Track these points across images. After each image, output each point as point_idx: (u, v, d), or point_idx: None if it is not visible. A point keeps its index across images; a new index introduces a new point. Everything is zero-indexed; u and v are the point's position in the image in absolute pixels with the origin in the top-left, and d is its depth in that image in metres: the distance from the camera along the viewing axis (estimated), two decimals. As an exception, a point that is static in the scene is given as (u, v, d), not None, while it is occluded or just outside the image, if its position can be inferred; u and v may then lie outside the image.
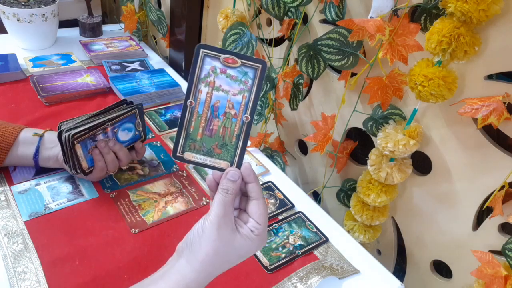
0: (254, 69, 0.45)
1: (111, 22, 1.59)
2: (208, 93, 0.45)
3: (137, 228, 0.68)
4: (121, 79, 1.06)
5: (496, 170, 0.63)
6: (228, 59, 0.44)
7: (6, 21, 1.12)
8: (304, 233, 0.73)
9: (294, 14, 0.86)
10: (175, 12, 1.22)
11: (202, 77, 0.45)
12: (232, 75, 0.45)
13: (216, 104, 0.45)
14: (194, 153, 0.46)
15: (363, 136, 0.87)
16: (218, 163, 0.47)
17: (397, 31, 0.64)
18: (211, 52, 0.44)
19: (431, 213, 0.75)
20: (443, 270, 0.78)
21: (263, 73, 0.45)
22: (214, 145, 0.46)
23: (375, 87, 0.72)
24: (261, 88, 0.46)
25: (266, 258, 0.67)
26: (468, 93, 0.63)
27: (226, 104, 0.45)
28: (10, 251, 0.61)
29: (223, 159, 0.47)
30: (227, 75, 0.45)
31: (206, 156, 0.47)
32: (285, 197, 0.80)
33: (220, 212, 0.44)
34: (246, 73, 0.45)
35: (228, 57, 0.44)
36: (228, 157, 0.47)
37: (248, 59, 0.45)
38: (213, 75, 0.45)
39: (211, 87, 0.45)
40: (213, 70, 0.45)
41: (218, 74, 0.45)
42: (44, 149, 0.72)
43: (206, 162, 0.47)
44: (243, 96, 0.45)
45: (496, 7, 0.53)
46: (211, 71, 0.45)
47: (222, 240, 0.44)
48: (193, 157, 0.46)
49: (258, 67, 0.45)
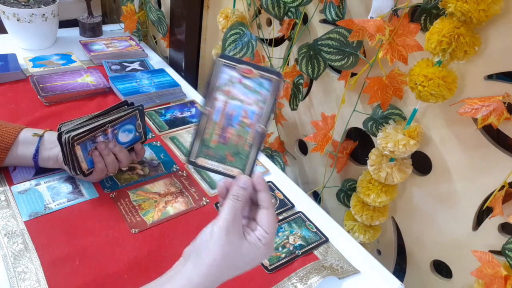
0: (270, 81, 0.46)
1: (111, 22, 1.59)
2: (225, 101, 0.46)
3: (137, 228, 0.68)
4: (121, 79, 1.06)
5: (496, 170, 0.63)
6: (245, 70, 0.45)
7: (6, 21, 1.12)
8: (304, 233, 0.73)
9: (294, 14, 0.86)
10: (175, 12, 1.22)
11: (219, 85, 0.45)
12: (249, 85, 0.46)
13: (231, 113, 0.46)
14: (207, 159, 0.47)
15: (363, 136, 0.87)
16: (230, 170, 0.47)
17: (397, 31, 0.64)
18: (229, 62, 0.45)
19: (431, 213, 0.75)
20: (443, 270, 0.78)
21: (278, 85, 0.46)
22: (227, 152, 0.47)
23: (375, 87, 0.72)
24: (275, 100, 0.47)
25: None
26: (468, 93, 0.63)
27: (241, 113, 0.46)
28: (10, 251, 0.61)
29: (235, 167, 0.47)
30: (244, 85, 0.46)
31: (219, 163, 0.47)
32: (285, 197, 0.80)
33: (230, 218, 0.45)
34: (261, 83, 0.46)
35: (245, 67, 0.45)
36: (240, 165, 0.47)
37: (265, 70, 0.46)
38: (230, 84, 0.46)
39: (227, 96, 0.46)
40: (230, 80, 0.45)
41: (235, 83, 0.45)
42: (43, 150, 0.72)
43: (219, 169, 0.48)
44: (259, 106, 0.46)
45: (496, 7, 0.53)
46: (228, 80, 0.45)
47: (230, 245, 0.44)
48: (206, 163, 0.47)
49: (274, 78, 0.46)
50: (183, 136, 0.92)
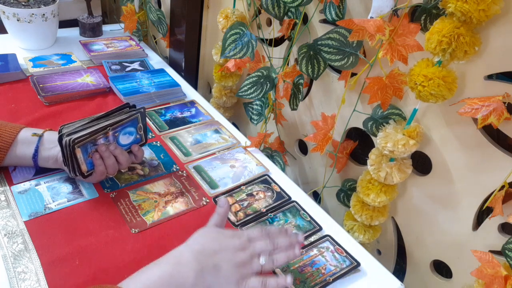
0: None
1: (111, 22, 1.59)
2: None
3: (137, 228, 0.68)
4: (121, 79, 1.06)
5: (496, 170, 0.63)
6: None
7: (6, 21, 1.12)
8: (298, 222, 0.73)
9: (294, 14, 0.86)
10: (175, 12, 1.22)
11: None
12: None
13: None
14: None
15: (363, 136, 0.87)
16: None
17: (397, 31, 0.64)
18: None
19: (431, 213, 0.75)
20: (443, 270, 0.79)
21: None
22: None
23: (375, 87, 0.72)
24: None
25: None
26: (468, 93, 0.63)
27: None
28: (10, 251, 0.61)
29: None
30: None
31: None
32: (282, 190, 0.81)
33: (213, 222, 0.61)
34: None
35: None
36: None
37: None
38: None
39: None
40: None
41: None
42: (43, 150, 0.72)
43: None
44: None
45: (496, 7, 0.53)
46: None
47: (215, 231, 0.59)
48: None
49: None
50: (183, 136, 0.92)
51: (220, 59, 1.05)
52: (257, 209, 0.75)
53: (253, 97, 0.90)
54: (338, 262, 0.67)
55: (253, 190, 0.80)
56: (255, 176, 0.83)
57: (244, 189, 0.80)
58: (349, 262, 0.68)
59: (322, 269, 0.66)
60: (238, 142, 0.93)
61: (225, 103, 1.15)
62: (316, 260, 0.67)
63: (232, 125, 1.00)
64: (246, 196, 0.78)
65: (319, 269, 0.65)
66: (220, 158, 0.87)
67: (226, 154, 0.89)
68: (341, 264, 0.67)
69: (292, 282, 0.57)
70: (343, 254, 0.69)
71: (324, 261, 0.67)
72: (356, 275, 0.67)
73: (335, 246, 0.70)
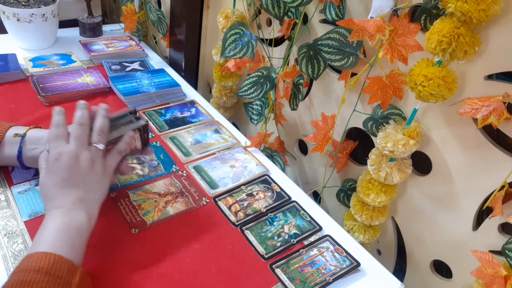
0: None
1: (111, 22, 1.59)
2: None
3: (137, 228, 0.68)
4: (121, 79, 1.06)
5: (496, 170, 0.63)
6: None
7: (6, 21, 1.12)
8: (298, 222, 0.73)
9: (294, 14, 0.86)
10: (175, 12, 1.22)
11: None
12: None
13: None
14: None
15: (363, 136, 0.87)
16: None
17: (397, 31, 0.64)
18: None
19: (431, 213, 0.75)
20: (443, 270, 0.79)
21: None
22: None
23: (375, 87, 0.72)
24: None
25: (262, 247, 0.68)
26: (468, 93, 0.63)
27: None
28: (10, 251, 0.61)
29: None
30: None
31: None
32: (282, 190, 0.81)
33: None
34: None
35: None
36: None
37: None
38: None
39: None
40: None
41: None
42: (26, 150, 0.69)
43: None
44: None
45: (496, 7, 0.53)
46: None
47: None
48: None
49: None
50: (183, 136, 0.92)
51: (220, 59, 1.05)
52: (257, 209, 0.75)
53: (253, 97, 0.90)
54: (338, 262, 0.67)
55: (253, 190, 0.80)
56: (255, 176, 0.83)
57: (244, 189, 0.80)
58: (349, 262, 0.68)
59: (322, 269, 0.66)
60: (238, 142, 0.93)
61: (225, 103, 1.15)
62: (316, 260, 0.67)
63: (232, 125, 1.00)
64: (246, 196, 0.78)
65: (319, 269, 0.66)
66: (220, 158, 0.87)
67: (226, 154, 0.89)
68: (341, 264, 0.67)
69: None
70: (343, 254, 0.69)
71: (324, 261, 0.67)
72: (356, 275, 0.67)
73: (335, 246, 0.70)
